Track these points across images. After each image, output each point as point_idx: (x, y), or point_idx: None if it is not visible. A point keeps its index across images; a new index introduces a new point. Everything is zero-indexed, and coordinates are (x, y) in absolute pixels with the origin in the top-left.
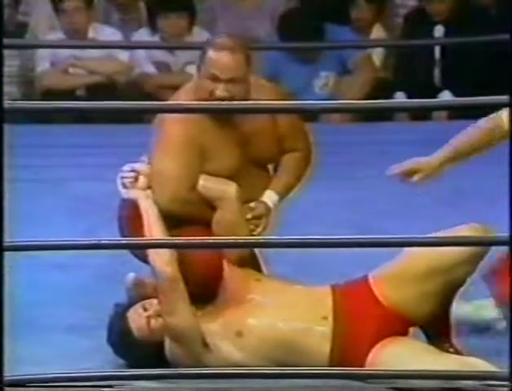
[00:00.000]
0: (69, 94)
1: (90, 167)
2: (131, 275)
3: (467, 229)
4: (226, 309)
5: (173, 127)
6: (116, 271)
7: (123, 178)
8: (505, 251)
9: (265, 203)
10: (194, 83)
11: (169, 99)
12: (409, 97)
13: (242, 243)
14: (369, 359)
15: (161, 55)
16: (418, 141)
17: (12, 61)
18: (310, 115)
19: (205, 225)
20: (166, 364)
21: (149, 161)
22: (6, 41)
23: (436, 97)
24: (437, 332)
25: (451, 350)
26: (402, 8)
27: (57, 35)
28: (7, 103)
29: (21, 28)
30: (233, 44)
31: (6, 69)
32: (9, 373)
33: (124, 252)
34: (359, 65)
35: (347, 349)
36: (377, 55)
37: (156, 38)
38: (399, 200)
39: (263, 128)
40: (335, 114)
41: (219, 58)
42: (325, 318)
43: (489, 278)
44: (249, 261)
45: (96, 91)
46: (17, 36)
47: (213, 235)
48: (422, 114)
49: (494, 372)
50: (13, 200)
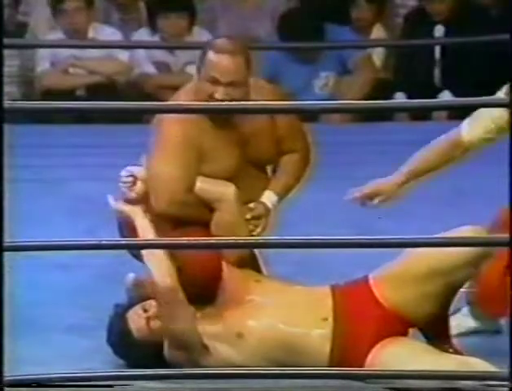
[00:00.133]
0: (69, 94)
1: (90, 167)
2: (131, 276)
3: (468, 230)
4: (225, 310)
5: (171, 128)
6: (116, 271)
7: (121, 183)
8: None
9: (264, 203)
10: (194, 84)
11: (169, 100)
12: (409, 97)
13: (242, 243)
14: (369, 359)
15: (161, 55)
16: (418, 141)
17: (12, 61)
18: (310, 115)
19: (204, 226)
20: (166, 364)
21: (147, 163)
22: (6, 41)
23: (436, 97)
24: (436, 333)
25: (450, 350)
26: (402, 8)
27: (57, 35)
28: (7, 103)
29: (21, 28)
30: (233, 47)
31: (6, 69)
32: (9, 373)
33: (124, 252)
34: (359, 65)
35: (347, 350)
36: (377, 55)
37: (156, 38)
38: (399, 200)
39: (262, 129)
40: (335, 114)
41: (220, 61)
42: (325, 319)
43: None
44: (249, 262)
45: (96, 91)
46: (17, 36)
47: (211, 237)
48: (422, 114)
49: (494, 372)
50: (13, 200)
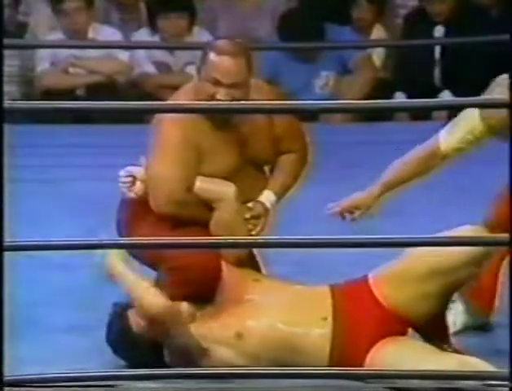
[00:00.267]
0: (69, 94)
1: (90, 167)
2: None
3: (468, 230)
4: (225, 310)
5: (169, 128)
6: None
7: (120, 183)
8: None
9: (263, 203)
10: (194, 85)
11: (169, 99)
12: (409, 97)
13: (241, 243)
14: (369, 359)
15: (161, 55)
16: (418, 141)
17: (12, 61)
18: (310, 115)
19: (203, 226)
20: (166, 364)
21: (146, 163)
22: (6, 41)
23: (436, 97)
24: (435, 332)
25: (449, 350)
26: (402, 8)
27: (57, 35)
28: (7, 103)
29: (21, 28)
30: (235, 48)
31: (6, 69)
32: (9, 373)
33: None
34: (359, 65)
35: (347, 350)
36: (378, 55)
37: (156, 38)
38: (399, 200)
39: (260, 129)
40: (335, 114)
41: (221, 62)
42: (325, 318)
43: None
44: (248, 262)
45: (96, 91)
46: (17, 36)
47: (210, 236)
48: (422, 114)
49: (494, 372)
50: (13, 200)
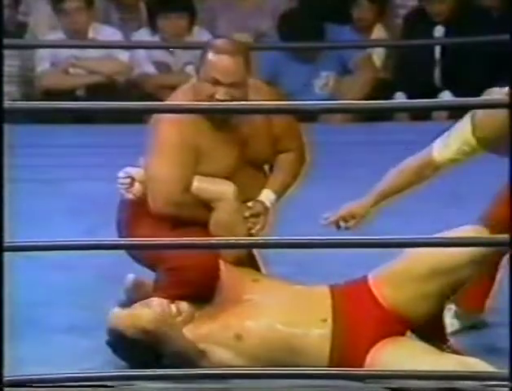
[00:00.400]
0: (69, 94)
1: (90, 167)
2: (131, 276)
3: (468, 230)
4: (224, 310)
5: (168, 129)
6: (116, 271)
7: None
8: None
9: (262, 202)
10: (193, 85)
11: (167, 100)
12: (409, 97)
13: (241, 243)
14: (368, 359)
15: (161, 55)
16: (418, 141)
17: (12, 61)
18: (309, 115)
19: (202, 226)
20: (166, 364)
21: (144, 164)
22: (6, 41)
23: (436, 97)
24: (434, 333)
25: (448, 350)
26: (402, 8)
27: (57, 35)
28: (7, 103)
29: (21, 28)
30: (233, 47)
31: (6, 69)
32: (9, 373)
33: (124, 252)
34: (359, 65)
35: (346, 350)
36: (378, 55)
37: (156, 38)
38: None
39: (259, 129)
40: (335, 114)
41: (220, 61)
42: (324, 319)
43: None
44: (247, 261)
45: (96, 91)
46: (17, 36)
47: (210, 236)
48: (422, 114)
49: (494, 372)
50: (13, 200)
